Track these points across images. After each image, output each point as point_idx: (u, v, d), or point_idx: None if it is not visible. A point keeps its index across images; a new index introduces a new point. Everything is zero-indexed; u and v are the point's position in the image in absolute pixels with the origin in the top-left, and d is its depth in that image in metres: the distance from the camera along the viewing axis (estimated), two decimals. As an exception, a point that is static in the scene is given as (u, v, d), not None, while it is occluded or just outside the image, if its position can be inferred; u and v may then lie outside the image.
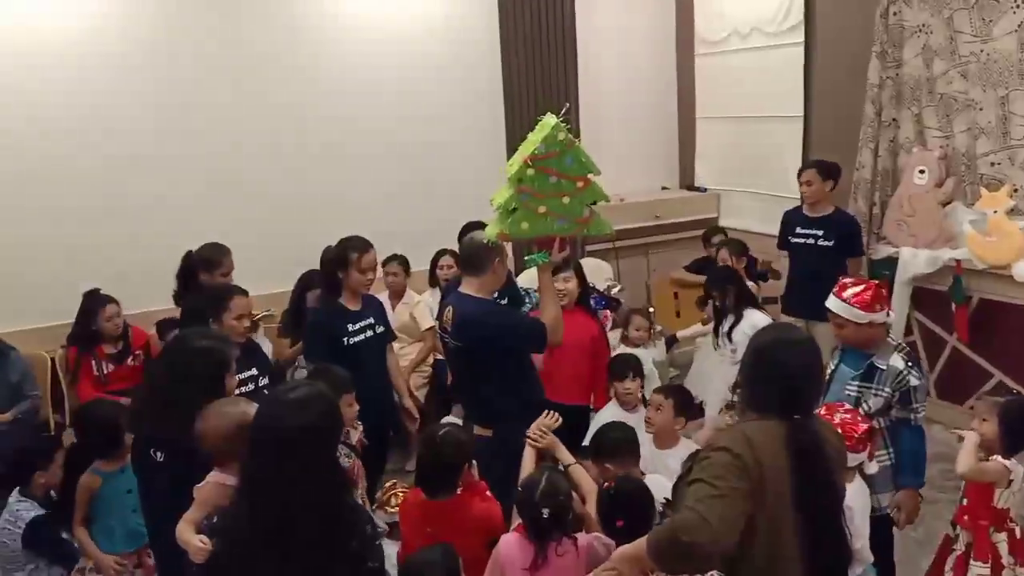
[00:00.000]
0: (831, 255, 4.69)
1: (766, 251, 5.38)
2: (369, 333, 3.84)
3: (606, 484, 2.60)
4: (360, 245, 3.79)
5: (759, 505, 1.97)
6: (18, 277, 4.62)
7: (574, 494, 2.65)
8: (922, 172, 4.97)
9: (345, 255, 3.75)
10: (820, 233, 4.77)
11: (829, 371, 3.10)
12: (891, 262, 5.14)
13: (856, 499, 2.66)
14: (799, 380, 2.10)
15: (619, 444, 2.95)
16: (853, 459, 2.67)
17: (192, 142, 5.06)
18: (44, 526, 3.57)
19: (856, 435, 2.72)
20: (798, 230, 4.89)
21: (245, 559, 1.90)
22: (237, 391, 2.95)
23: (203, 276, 4.19)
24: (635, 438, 3.05)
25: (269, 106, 5.25)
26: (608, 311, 5.22)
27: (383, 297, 5.03)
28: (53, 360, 4.68)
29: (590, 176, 3.06)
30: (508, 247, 3.53)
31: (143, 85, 4.92)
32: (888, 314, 3.05)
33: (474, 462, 2.82)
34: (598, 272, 5.76)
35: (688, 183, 6.80)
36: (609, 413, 3.69)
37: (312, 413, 1.92)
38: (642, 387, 3.84)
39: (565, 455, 2.90)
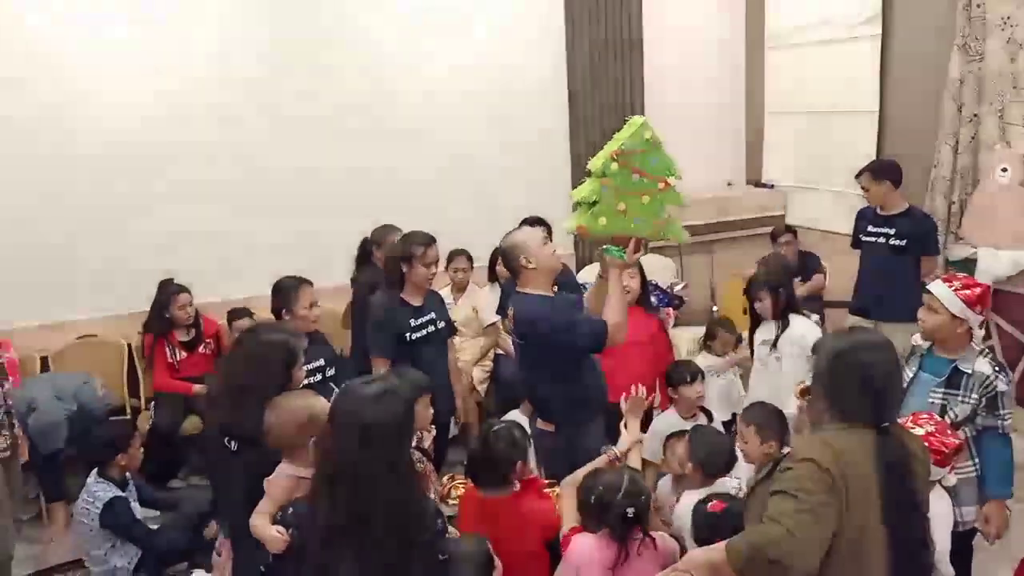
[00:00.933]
0: (902, 254, 4.55)
1: (840, 250, 5.26)
2: (431, 328, 3.85)
3: (711, 505, 2.52)
4: (424, 240, 3.79)
5: (844, 518, 1.93)
6: (100, 266, 4.79)
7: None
8: (1004, 170, 4.77)
9: (409, 250, 3.76)
10: (891, 232, 4.62)
11: (907, 378, 2.99)
12: (969, 263, 4.95)
13: (937, 512, 2.56)
14: (885, 385, 2.04)
15: (730, 463, 2.95)
16: (935, 473, 2.56)
17: (268, 136, 5.17)
18: (121, 507, 3.72)
19: (946, 451, 2.60)
20: (869, 228, 4.75)
21: (323, 549, 1.95)
22: (305, 381, 3.01)
23: (376, 254, 4.45)
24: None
25: (340, 104, 5.31)
26: (671, 308, 5.17)
27: (446, 292, 5.08)
28: (130, 346, 4.84)
29: (671, 179, 3.05)
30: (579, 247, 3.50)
31: (222, 73, 5.03)
32: (980, 323, 2.95)
33: (532, 458, 2.83)
34: (662, 270, 5.71)
35: (755, 179, 6.66)
36: (666, 420, 3.67)
37: (387, 408, 1.97)
38: (702, 393, 3.80)
39: (635, 459, 2.88)
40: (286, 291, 3.51)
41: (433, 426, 3.37)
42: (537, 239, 3.22)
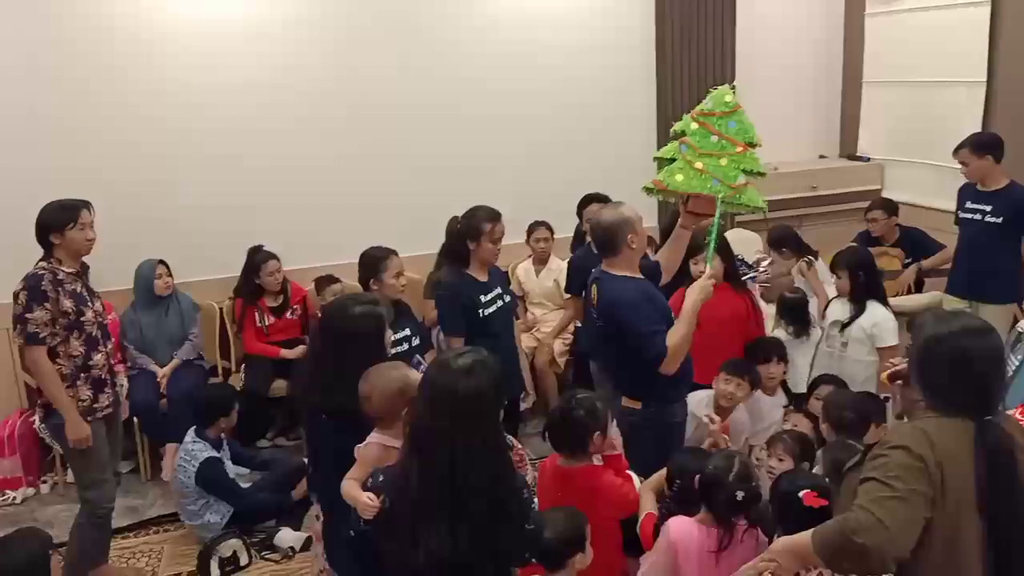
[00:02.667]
0: (999, 233, 4.35)
1: (940, 227, 5.03)
2: (499, 303, 3.84)
3: (804, 495, 2.41)
4: (490, 215, 3.75)
5: (938, 510, 1.85)
6: (195, 232, 4.92)
7: None
8: (1123, 146, 4.47)
9: (478, 225, 3.72)
10: (988, 209, 4.41)
11: (1013, 366, 2.85)
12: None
13: None
14: (986, 375, 1.94)
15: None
16: None
17: (351, 108, 5.20)
18: (216, 467, 3.89)
19: None
20: (967, 204, 4.54)
21: (415, 516, 1.99)
22: (392, 351, 3.06)
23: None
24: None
25: (422, 72, 5.30)
26: (758, 284, 5.05)
27: (527, 263, 5.08)
28: (221, 310, 5.00)
29: (750, 142, 3.06)
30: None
31: (310, 49, 5.07)
32: None
33: (615, 435, 2.82)
34: (747, 244, 5.57)
35: (849, 152, 6.39)
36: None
37: (479, 380, 1.99)
38: (785, 372, 3.75)
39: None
40: (374, 261, 3.57)
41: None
42: (640, 217, 3.14)
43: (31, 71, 4.54)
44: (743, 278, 4.23)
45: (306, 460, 4.20)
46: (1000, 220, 4.33)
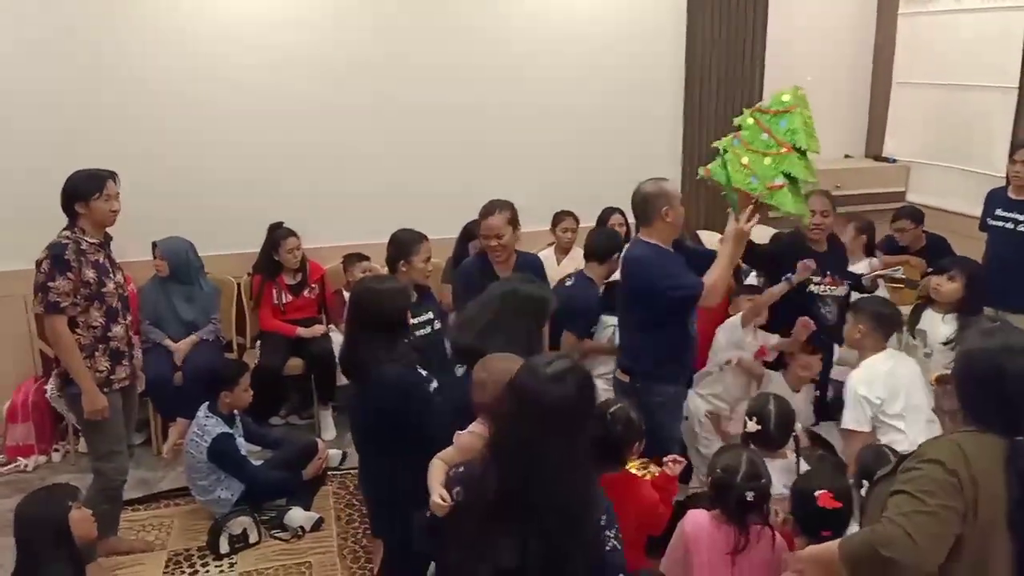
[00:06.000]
0: None
1: (964, 232, 4.97)
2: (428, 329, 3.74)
3: (820, 496, 2.42)
4: (482, 210, 3.69)
5: (969, 526, 1.82)
6: (215, 207, 4.90)
7: None
8: None
9: (474, 224, 3.76)
10: (1021, 218, 4.36)
11: None
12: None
13: None
14: (1022, 395, 1.89)
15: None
16: None
17: (375, 93, 5.17)
18: (228, 443, 3.87)
19: None
20: (998, 212, 4.49)
21: (484, 522, 1.92)
22: (416, 334, 3.09)
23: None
24: None
25: (449, 60, 5.27)
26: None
27: (548, 252, 5.04)
28: (239, 286, 4.99)
29: (797, 147, 3.03)
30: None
31: (339, 35, 5.05)
32: None
33: (678, 459, 2.82)
34: (757, 236, 5.51)
35: (875, 152, 6.32)
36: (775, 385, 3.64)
37: (568, 387, 1.90)
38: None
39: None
40: (405, 243, 3.55)
41: None
42: (679, 195, 3.27)
43: (63, 44, 4.55)
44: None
45: (319, 439, 4.29)
46: None
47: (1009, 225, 4.39)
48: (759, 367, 3.70)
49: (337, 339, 4.79)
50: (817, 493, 2.41)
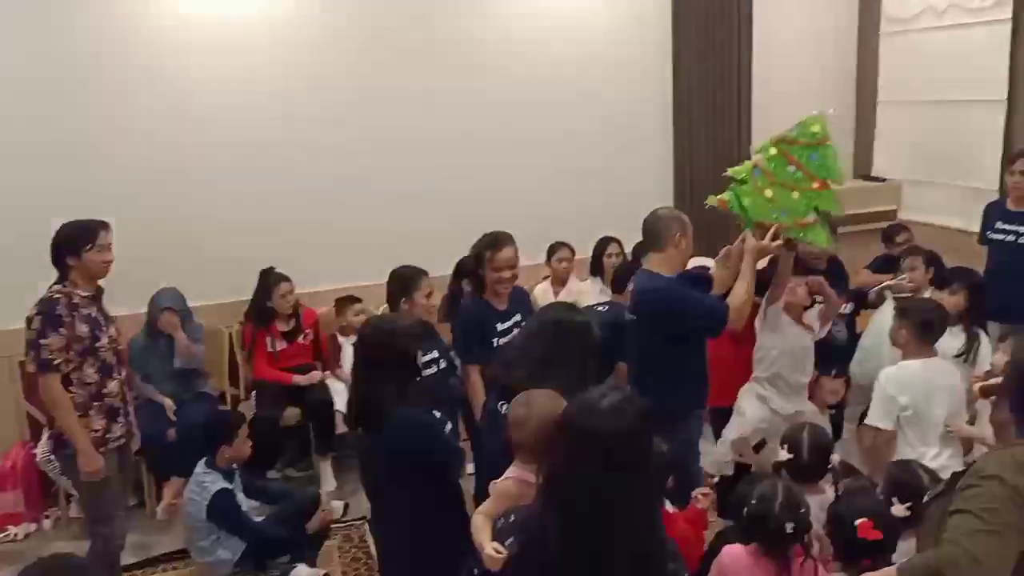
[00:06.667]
0: None
1: (958, 247, 4.95)
2: (516, 332, 3.64)
3: (860, 524, 2.31)
4: (494, 243, 3.57)
5: None
6: (202, 254, 4.79)
7: None
8: None
9: (480, 253, 3.58)
10: (1022, 230, 4.34)
11: None
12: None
13: None
14: None
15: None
16: None
17: (362, 131, 5.11)
18: (228, 499, 3.70)
19: None
20: (997, 225, 4.47)
21: (550, 571, 1.80)
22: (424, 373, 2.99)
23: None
24: None
25: (436, 94, 5.24)
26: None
27: (545, 284, 4.98)
28: (230, 335, 4.86)
29: (831, 182, 2.95)
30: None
31: (319, 72, 5.00)
32: None
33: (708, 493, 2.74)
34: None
35: (863, 172, 6.35)
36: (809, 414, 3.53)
37: (628, 420, 1.79)
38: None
39: None
40: (406, 280, 3.47)
41: None
42: (691, 227, 3.19)
43: (44, 89, 4.45)
44: None
45: (320, 491, 4.15)
46: None
47: (1010, 238, 4.37)
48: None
49: (334, 386, 4.68)
50: (857, 522, 2.30)
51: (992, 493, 1.76)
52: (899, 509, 2.48)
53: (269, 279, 4.65)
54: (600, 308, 4.02)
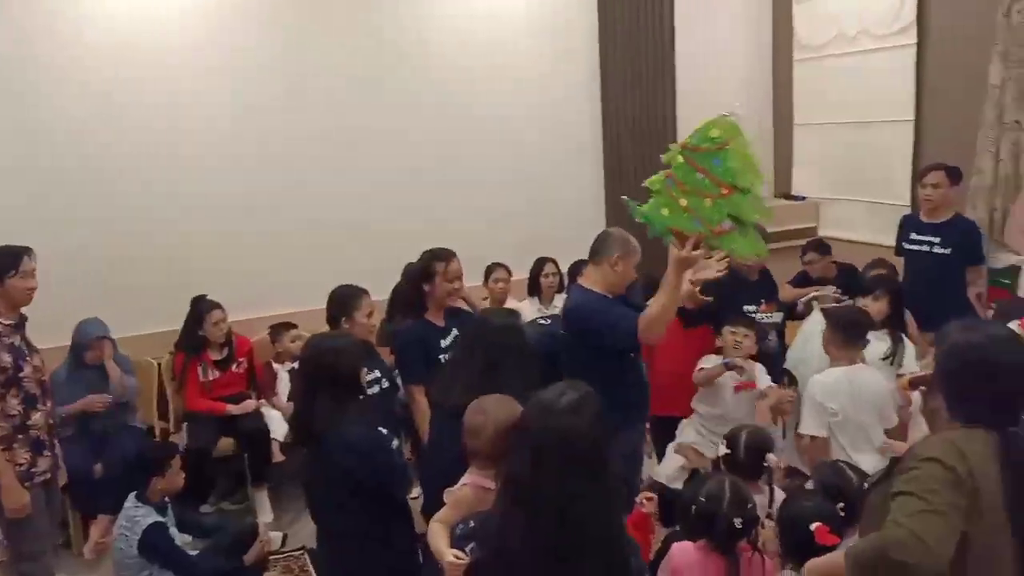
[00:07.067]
0: (947, 263, 4.48)
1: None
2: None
3: (816, 528, 2.33)
4: (443, 255, 3.65)
5: (973, 522, 1.81)
6: (126, 284, 4.67)
7: None
8: (1049, 176, 4.72)
9: (430, 267, 3.61)
10: (936, 240, 4.55)
11: None
12: (1013, 271, 4.88)
13: None
14: (1015, 384, 1.90)
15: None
16: None
17: (296, 156, 5.10)
18: (161, 533, 3.56)
19: None
20: (912, 236, 4.68)
21: (513, 573, 1.78)
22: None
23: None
24: None
25: (367, 121, 5.26)
26: None
27: (484, 306, 4.98)
28: (159, 366, 4.70)
29: (736, 186, 2.79)
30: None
31: (245, 99, 4.98)
32: None
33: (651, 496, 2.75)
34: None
35: (784, 191, 6.59)
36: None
37: (587, 417, 1.81)
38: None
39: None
40: (346, 299, 3.44)
41: None
42: (638, 256, 3.20)
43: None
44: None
45: (258, 521, 4.03)
46: (949, 251, 4.46)
47: (924, 248, 4.57)
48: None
49: (270, 415, 4.59)
50: (813, 527, 2.33)
51: (932, 475, 1.81)
52: (835, 509, 2.55)
53: (201, 307, 4.53)
54: (542, 322, 4.06)
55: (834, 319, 3.42)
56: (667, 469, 3.70)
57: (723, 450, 2.82)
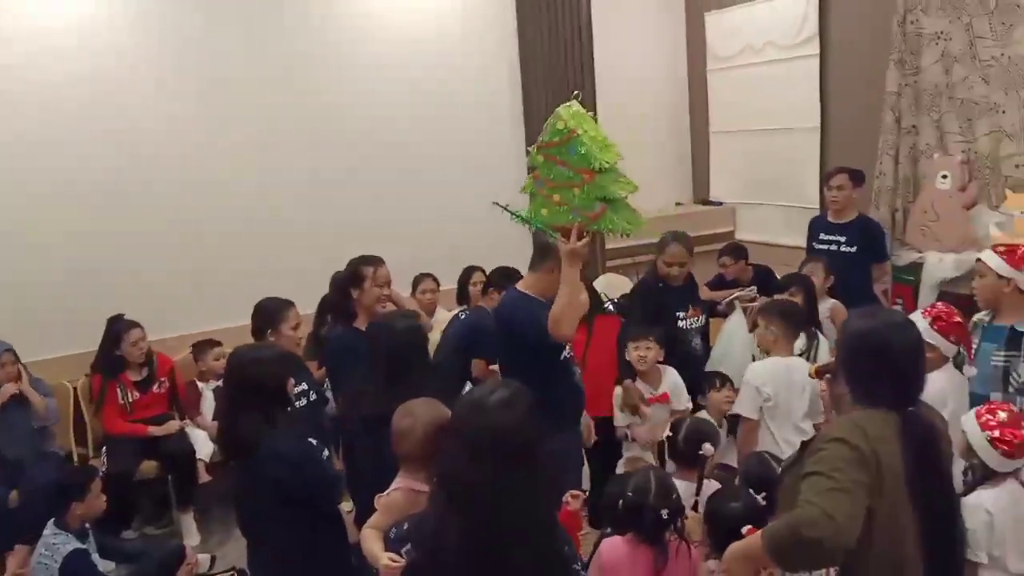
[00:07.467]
0: (854, 261, 4.68)
1: (789, 262, 5.37)
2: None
3: (746, 531, 2.35)
4: (372, 260, 3.67)
5: (877, 497, 1.91)
6: (38, 305, 4.52)
7: None
8: (944, 177, 4.98)
9: (359, 271, 3.62)
10: (843, 239, 4.77)
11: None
12: (915, 267, 5.14)
13: (1006, 506, 2.45)
14: (910, 365, 2.03)
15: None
16: (1006, 466, 2.46)
17: (213, 167, 5.01)
18: (82, 559, 3.47)
19: (1016, 441, 2.44)
20: (821, 236, 4.89)
21: (450, 573, 1.78)
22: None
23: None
24: None
25: (286, 131, 5.22)
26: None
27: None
28: (75, 390, 4.55)
29: (595, 169, 2.83)
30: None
31: (162, 110, 4.88)
32: None
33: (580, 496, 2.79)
34: (614, 288, 5.73)
35: (702, 197, 6.81)
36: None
37: (519, 413, 1.82)
38: (731, 397, 3.83)
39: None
40: (272, 311, 3.40)
41: None
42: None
43: None
44: None
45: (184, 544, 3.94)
46: (855, 249, 4.68)
47: (833, 247, 4.78)
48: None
49: (195, 434, 4.49)
50: (744, 530, 2.34)
51: (838, 454, 1.90)
52: (757, 498, 2.65)
53: (118, 327, 4.40)
54: (462, 316, 4.19)
55: (776, 311, 3.57)
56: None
57: (666, 432, 2.92)
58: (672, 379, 3.89)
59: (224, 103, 5.05)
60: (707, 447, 2.85)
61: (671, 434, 2.94)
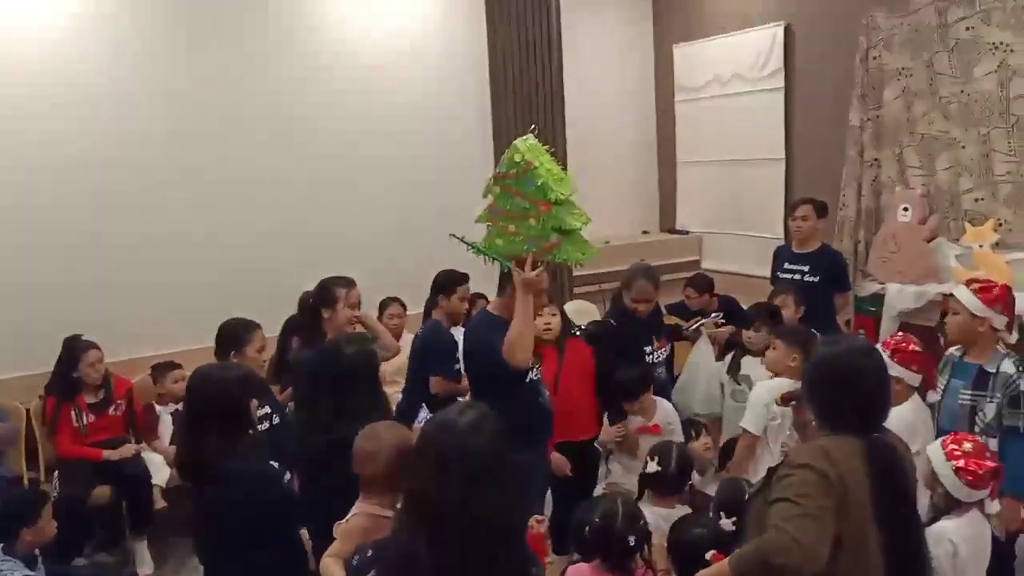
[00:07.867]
0: (817, 291, 4.71)
1: (753, 291, 5.42)
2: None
3: (712, 555, 2.36)
4: (345, 281, 3.60)
5: (844, 521, 1.92)
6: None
7: None
8: (906, 210, 5.09)
9: (332, 292, 3.55)
10: (806, 269, 4.82)
11: (941, 388, 3.14)
12: (877, 298, 5.22)
13: (968, 537, 2.47)
14: (875, 392, 2.05)
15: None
16: (970, 496, 2.48)
17: (176, 183, 4.94)
18: (31, 586, 3.34)
19: (980, 472, 2.47)
20: (785, 265, 4.94)
21: None
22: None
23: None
24: None
25: (251, 155, 5.17)
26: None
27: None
28: (27, 412, 4.42)
29: (551, 200, 2.89)
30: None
31: (126, 124, 4.81)
32: (1007, 324, 3.09)
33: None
34: (582, 314, 5.73)
35: (669, 226, 6.88)
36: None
37: (488, 435, 1.80)
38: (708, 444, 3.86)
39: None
40: (237, 332, 3.35)
41: None
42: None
43: None
44: None
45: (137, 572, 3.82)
46: (817, 279, 4.72)
47: (797, 276, 4.83)
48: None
49: (151, 459, 4.37)
50: (709, 555, 2.36)
51: (805, 480, 1.92)
52: (726, 523, 2.64)
53: (76, 347, 4.29)
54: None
55: (790, 336, 3.59)
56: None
57: (653, 467, 2.90)
58: (665, 412, 3.87)
59: (190, 125, 4.99)
60: (697, 478, 2.84)
61: (659, 467, 2.90)
